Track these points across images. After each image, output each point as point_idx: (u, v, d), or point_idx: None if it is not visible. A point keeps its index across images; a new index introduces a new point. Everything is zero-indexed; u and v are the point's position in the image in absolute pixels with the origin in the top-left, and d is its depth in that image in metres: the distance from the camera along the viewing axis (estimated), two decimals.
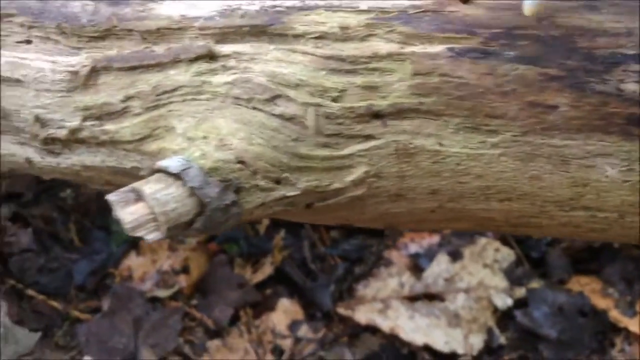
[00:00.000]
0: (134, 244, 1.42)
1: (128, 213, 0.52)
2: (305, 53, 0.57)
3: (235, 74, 0.57)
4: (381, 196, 0.58)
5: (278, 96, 0.56)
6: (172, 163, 0.54)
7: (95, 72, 0.60)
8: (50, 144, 0.65)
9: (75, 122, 0.62)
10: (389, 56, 0.55)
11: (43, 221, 1.42)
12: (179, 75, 0.59)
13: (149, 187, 0.53)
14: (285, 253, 1.39)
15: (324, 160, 0.56)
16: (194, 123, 0.58)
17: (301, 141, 0.56)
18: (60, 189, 1.46)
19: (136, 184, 0.54)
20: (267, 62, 0.57)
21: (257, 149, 0.55)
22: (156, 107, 0.59)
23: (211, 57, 0.58)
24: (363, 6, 0.57)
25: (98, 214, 1.44)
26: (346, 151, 0.56)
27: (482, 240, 1.42)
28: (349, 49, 0.56)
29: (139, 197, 0.54)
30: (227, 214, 0.55)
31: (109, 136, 0.62)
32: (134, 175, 0.66)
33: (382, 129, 0.56)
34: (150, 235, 0.53)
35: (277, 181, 0.57)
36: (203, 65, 0.58)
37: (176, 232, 0.54)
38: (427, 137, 0.56)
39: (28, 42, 0.63)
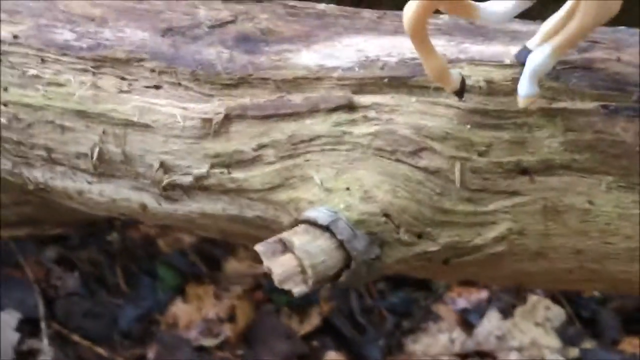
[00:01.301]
0: (180, 290, 1.38)
1: (278, 265, 0.50)
2: (448, 106, 0.54)
3: (377, 125, 0.55)
4: (521, 254, 0.56)
5: (423, 149, 0.54)
6: (320, 214, 0.52)
7: (228, 119, 0.58)
8: (169, 190, 0.62)
9: (202, 169, 0.59)
10: (539, 111, 0.53)
11: (89, 265, 1.39)
12: (317, 125, 0.56)
13: (298, 238, 0.50)
14: (332, 304, 1.36)
15: (467, 216, 0.54)
16: (333, 174, 0.55)
17: (445, 195, 0.54)
18: (107, 232, 1.43)
19: (284, 235, 0.51)
20: (410, 114, 0.55)
21: (402, 202, 0.53)
22: (291, 156, 0.57)
23: (350, 107, 0.56)
24: (507, 61, 0.55)
25: (144, 259, 1.41)
26: (490, 207, 0.54)
27: (533, 298, 1.38)
28: (494, 103, 0.54)
29: (285, 248, 0.51)
30: (370, 268, 0.53)
31: (236, 184, 0.59)
32: (254, 224, 0.63)
33: (529, 186, 0.54)
34: (297, 289, 0.50)
35: (419, 235, 0.54)
36: (343, 116, 0.56)
37: (320, 286, 0.51)
38: (577, 195, 0.53)
39: (157, 87, 0.60)
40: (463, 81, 0.54)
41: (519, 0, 0.55)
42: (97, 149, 0.61)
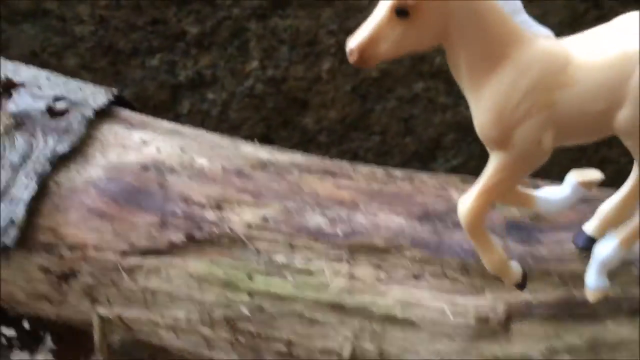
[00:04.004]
0: None
1: None
2: None
3: None
4: None
5: None
6: None
7: (508, 318, 0.49)
8: None
9: None
10: None
11: None
12: (622, 328, 0.47)
13: None
14: None
15: None
16: None
17: None
18: None
19: None
20: None
21: None
22: None
23: None
24: None
25: None
26: None
27: None
28: None
29: None
30: None
31: None
32: None
33: None
34: None
35: None
36: None
37: None
38: None
39: (417, 277, 0.51)
40: (525, 273, 0.48)
41: (576, 187, 0.50)
42: (349, 345, 0.52)
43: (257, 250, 0.53)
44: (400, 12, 0.42)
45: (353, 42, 0.42)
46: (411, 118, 1.01)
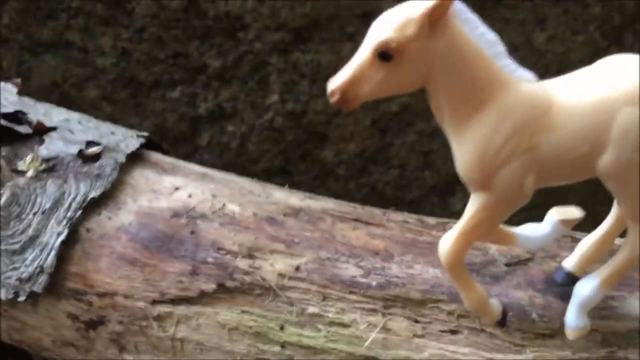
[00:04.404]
0: None
1: None
2: None
3: None
4: None
5: None
6: None
7: None
8: None
9: None
10: None
11: None
12: None
13: None
14: None
15: None
16: None
17: None
18: None
19: None
20: None
21: None
22: None
23: None
24: None
25: None
26: None
27: None
28: None
29: None
30: None
31: None
32: None
33: None
34: None
35: None
36: None
37: None
38: None
39: (454, 332, 0.50)
40: (504, 310, 0.48)
41: (556, 225, 0.49)
42: None
43: (290, 301, 0.52)
44: (383, 56, 0.42)
45: (334, 84, 0.42)
46: (430, 152, 1.00)
